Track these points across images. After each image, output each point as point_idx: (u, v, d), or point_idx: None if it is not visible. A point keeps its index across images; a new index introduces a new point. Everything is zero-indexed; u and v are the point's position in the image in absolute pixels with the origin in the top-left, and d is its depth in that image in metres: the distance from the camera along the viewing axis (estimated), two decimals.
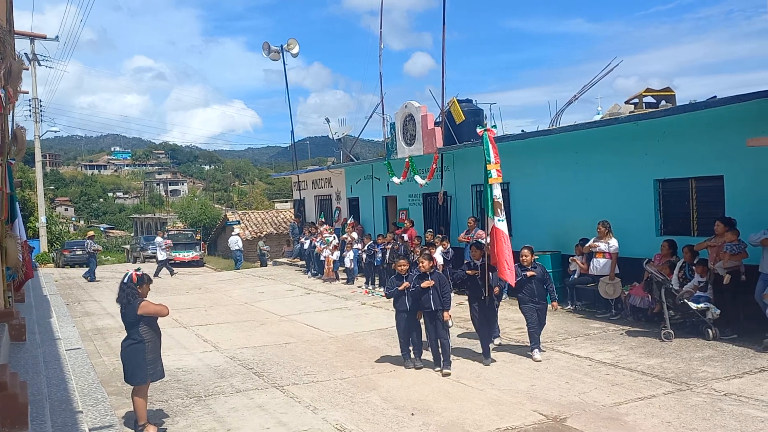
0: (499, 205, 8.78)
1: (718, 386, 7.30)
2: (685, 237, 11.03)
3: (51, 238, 40.91)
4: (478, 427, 6.44)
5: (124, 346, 6.66)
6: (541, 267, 9.31)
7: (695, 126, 10.94)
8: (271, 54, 26.40)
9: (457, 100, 17.23)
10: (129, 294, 6.58)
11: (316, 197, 26.65)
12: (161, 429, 6.71)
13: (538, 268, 9.16)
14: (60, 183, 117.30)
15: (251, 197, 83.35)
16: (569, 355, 9.06)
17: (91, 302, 17.28)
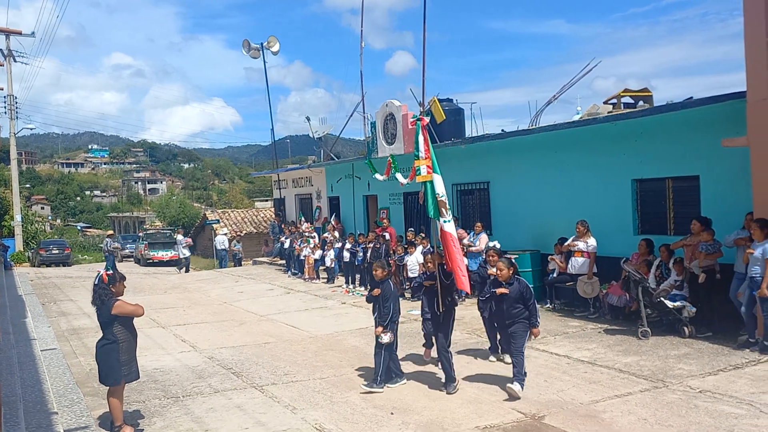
0: (443, 204, 7.85)
1: (693, 383, 7.40)
2: (662, 236, 11.16)
3: (27, 237, 40.28)
4: (457, 426, 6.46)
5: (98, 346, 6.58)
6: (522, 284, 7.60)
7: (672, 126, 11.07)
8: (251, 52, 26.27)
9: (437, 100, 17.26)
10: (102, 294, 6.49)
11: (296, 196, 26.55)
12: (138, 430, 6.64)
13: (514, 284, 7.57)
14: (36, 181, 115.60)
15: (231, 196, 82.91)
16: (548, 354, 9.12)
17: (67, 302, 17.05)
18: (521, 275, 12.98)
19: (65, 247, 36.95)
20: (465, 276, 7.62)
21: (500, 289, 7.58)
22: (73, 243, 51.04)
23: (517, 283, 7.54)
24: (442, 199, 7.83)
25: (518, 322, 7.46)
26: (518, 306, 7.46)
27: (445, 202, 7.86)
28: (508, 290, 7.53)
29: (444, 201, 7.85)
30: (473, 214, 16.01)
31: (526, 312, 7.47)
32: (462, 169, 16.32)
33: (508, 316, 7.53)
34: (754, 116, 8.83)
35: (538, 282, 13.25)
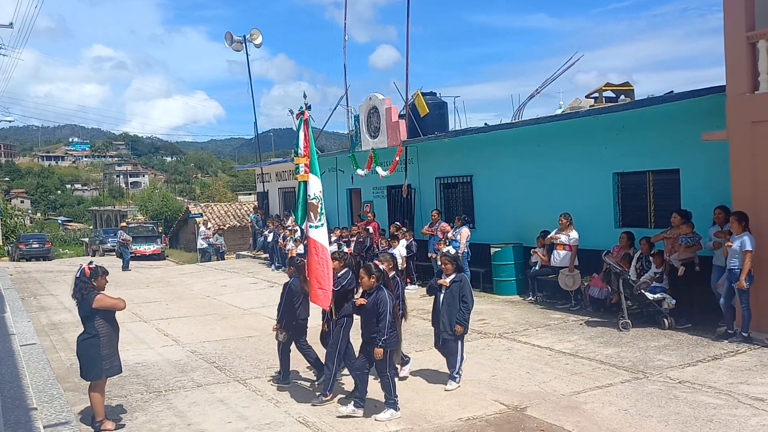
0: (314, 207, 7.10)
1: (673, 374, 7.49)
2: (643, 229, 11.26)
3: (6, 231, 39.85)
4: (440, 418, 6.49)
5: (79, 340, 6.52)
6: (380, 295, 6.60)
7: (652, 120, 11.16)
8: (233, 44, 26.04)
9: (421, 93, 17.25)
10: (83, 288, 6.42)
11: (279, 189, 26.45)
12: (119, 425, 6.60)
13: (373, 294, 6.65)
14: (15, 174, 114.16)
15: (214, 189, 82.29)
16: (530, 346, 9.19)
17: (47, 296, 16.88)
18: (504, 267, 13.30)
19: (45, 241, 36.58)
20: (324, 290, 6.89)
21: (359, 299, 6.84)
22: (54, 237, 50.58)
23: (376, 293, 6.62)
24: (313, 202, 7.16)
25: (373, 339, 6.59)
26: (374, 320, 6.59)
27: (317, 205, 7.16)
28: (365, 301, 6.72)
29: (315, 204, 7.15)
30: (456, 207, 16.06)
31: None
32: (445, 162, 16.34)
33: (366, 331, 6.71)
34: (733, 110, 8.93)
35: (520, 275, 13.35)
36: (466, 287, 7.36)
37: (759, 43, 8.67)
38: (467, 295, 7.30)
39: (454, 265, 7.44)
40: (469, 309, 7.35)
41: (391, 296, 6.68)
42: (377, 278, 6.72)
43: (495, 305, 12.41)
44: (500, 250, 13.51)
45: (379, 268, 6.89)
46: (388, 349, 6.55)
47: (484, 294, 13.67)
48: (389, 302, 6.58)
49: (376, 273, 6.74)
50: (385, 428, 6.29)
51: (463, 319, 7.27)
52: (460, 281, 7.36)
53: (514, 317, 11.18)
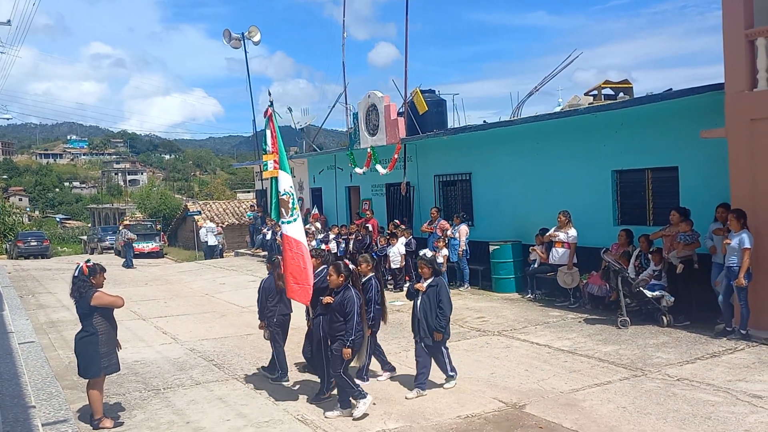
0: (285, 203, 7.07)
1: (671, 372, 7.49)
2: (642, 226, 11.26)
3: (4, 229, 39.80)
4: (439, 415, 6.49)
5: (77, 338, 6.52)
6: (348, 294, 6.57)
7: (651, 118, 11.15)
8: (232, 41, 25.99)
9: (420, 91, 17.24)
10: (81, 286, 6.43)
11: None
12: (118, 423, 6.59)
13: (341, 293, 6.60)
14: (14, 172, 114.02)
15: (212, 187, 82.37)
16: (529, 343, 9.19)
17: (45, 294, 16.86)
18: (503, 265, 13.29)
19: (44, 239, 36.54)
20: (301, 285, 6.90)
21: (326, 298, 6.80)
22: (52, 235, 50.45)
23: (344, 292, 6.59)
24: (284, 198, 7.14)
25: (338, 339, 6.56)
26: (340, 319, 6.56)
27: (288, 201, 7.12)
28: (332, 299, 6.69)
29: (286, 200, 7.11)
30: (455, 205, 16.06)
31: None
32: (444, 160, 16.34)
33: (330, 330, 6.71)
34: (732, 108, 8.93)
35: (519, 272, 13.35)
36: (443, 292, 7.09)
37: (758, 40, 8.66)
38: (444, 300, 7.04)
39: (431, 269, 7.15)
40: (446, 315, 7.07)
41: (358, 296, 6.63)
42: (346, 277, 6.66)
43: (494, 303, 12.41)
44: (499, 247, 13.50)
45: (348, 267, 6.80)
46: (354, 350, 6.55)
47: (483, 291, 13.68)
48: (356, 302, 6.54)
49: (344, 272, 6.68)
50: (383, 425, 6.29)
51: (439, 325, 7.03)
52: (437, 286, 7.09)
53: (513, 315, 11.18)
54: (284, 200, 7.11)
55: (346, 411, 6.55)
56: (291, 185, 7.27)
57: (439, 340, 7.09)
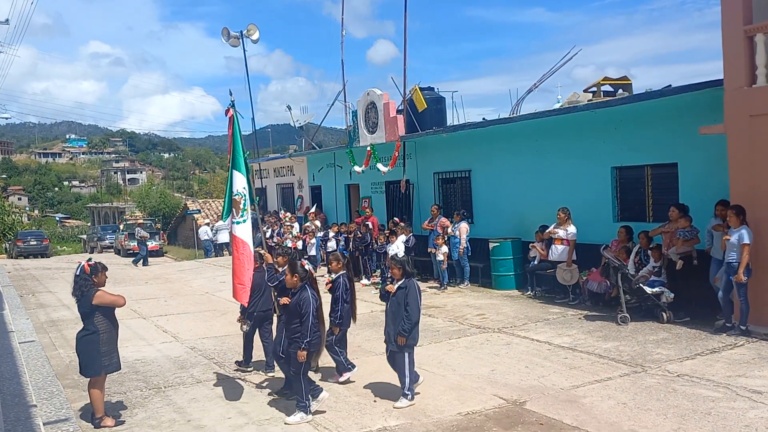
0: (236, 203, 7.00)
1: (671, 368, 7.51)
2: (641, 223, 11.27)
3: (3, 228, 39.78)
4: (439, 412, 6.50)
5: (78, 337, 6.53)
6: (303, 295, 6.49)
7: (651, 114, 11.16)
8: (230, 40, 25.85)
9: (419, 88, 17.22)
10: (82, 285, 6.44)
11: (278, 185, 26.42)
12: (119, 421, 6.60)
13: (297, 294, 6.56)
14: (13, 171, 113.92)
15: (212, 186, 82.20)
16: (529, 340, 9.20)
17: (45, 294, 16.87)
18: (503, 262, 13.30)
19: (43, 239, 36.56)
20: (243, 287, 6.98)
21: (283, 299, 6.82)
22: (52, 234, 50.47)
23: (299, 293, 6.51)
24: (236, 198, 7.07)
25: (294, 340, 6.46)
26: (296, 321, 6.46)
27: (239, 202, 7.05)
28: (289, 300, 6.65)
29: (238, 200, 7.04)
30: (455, 202, 16.06)
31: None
32: (443, 157, 16.34)
33: (287, 332, 6.64)
34: (731, 104, 8.94)
35: (519, 269, 13.36)
36: (411, 295, 6.72)
37: (756, 36, 8.67)
38: (411, 303, 6.67)
39: (402, 270, 6.83)
40: (411, 319, 6.65)
41: (315, 297, 6.51)
42: (301, 278, 6.54)
43: (494, 300, 12.43)
44: (499, 244, 13.51)
45: (304, 267, 6.67)
46: (311, 352, 6.47)
47: (483, 289, 13.69)
48: (312, 303, 6.42)
49: (300, 272, 6.56)
50: (384, 423, 6.30)
51: (402, 329, 6.64)
52: (406, 288, 6.76)
53: (513, 312, 11.20)
54: (236, 201, 7.08)
55: (307, 416, 6.42)
56: (244, 186, 7.22)
57: (402, 345, 6.69)
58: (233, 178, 7.19)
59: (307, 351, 6.35)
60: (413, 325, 6.69)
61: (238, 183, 7.14)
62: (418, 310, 6.76)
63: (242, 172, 7.20)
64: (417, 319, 6.73)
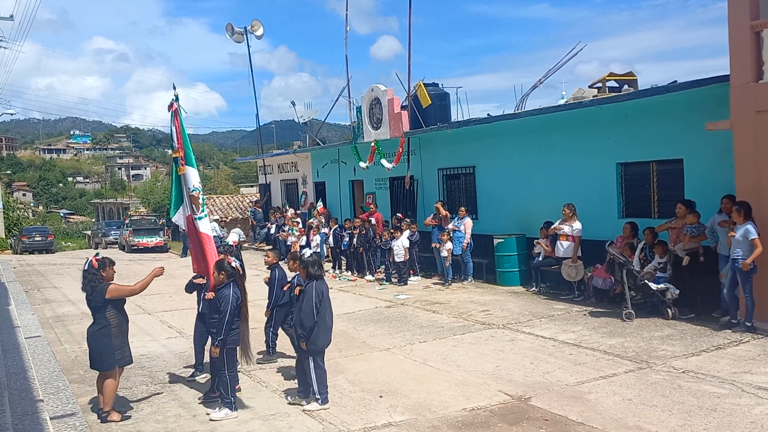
0: (195, 199, 6.93)
1: (676, 364, 7.50)
2: (646, 219, 11.25)
3: (8, 224, 39.91)
4: (444, 408, 6.51)
5: (90, 331, 6.54)
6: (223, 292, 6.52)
7: (656, 110, 11.13)
8: (234, 36, 25.96)
9: (423, 84, 17.21)
10: (92, 280, 6.48)
11: (282, 181, 26.45)
12: (125, 416, 6.62)
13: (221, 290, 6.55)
14: (17, 167, 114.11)
15: (216, 182, 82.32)
16: (534, 336, 9.20)
17: (51, 289, 16.93)
18: (507, 258, 13.29)
19: (48, 234, 36.65)
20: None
21: (208, 293, 6.84)
22: (56, 230, 50.64)
23: (222, 290, 6.54)
24: (194, 194, 6.97)
25: (212, 336, 6.56)
26: (215, 317, 6.54)
27: (198, 197, 6.97)
28: (213, 295, 6.68)
29: (196, 196, 6.96)
30: (459, 198, 16.05)
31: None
32: (448, 153, 16.32)
33: (208, 327, 6.75)
34: (737, 100, 8.90)
35: (523, 265, 13.35)
36: (306, 300, 6.54)
37: (763, 32, 8.63)
38: (305, 308, 6.53)
39: (305, 271, 6.71)
40: (304, 324, 6.50)
41: (236, 295, 6.51)
42: (227, 275, 6.55)
43: (498, 296, 12.42)
44: (503, 241, 13.50)
45: (231, 264, 6.64)
46: (225, 348, 6.47)
47: (487, 285, 13.69)
48: (231, 300, 6.42)
49: (226, 269, 6.57)
50: (389, 418, 6.30)
51: (298, 335, 6.60)
52: (305, 292, 6.63)
53: (518, 308, 11.19)
54: (194, 197, 7.00)
55: (232, 413, 6.46)
56: (199, 181, 7.15)
57: (304, 350, 6.59)
58: (187, 175, 7.05)
59: (220, 348, 6.42)
60: (308, 331, 6.49)
61: (193, 179, 7.02)
62: (310, 317, 6.49)
63: (194, 166, 7.13)
64: (311, 324, 6.48)
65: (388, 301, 12.56)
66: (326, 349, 7.42)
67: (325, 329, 6.61)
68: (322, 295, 6.61)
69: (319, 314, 6.54)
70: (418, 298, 12.62)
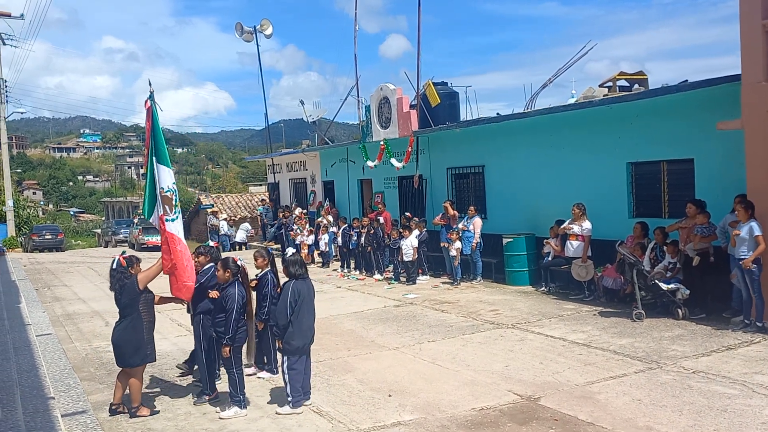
0: (168, 200, 6.75)
1: (687, 364, 7.46)
2: (657, 219, 11.20)
3: (19, 223, 40.14)
4: (453, 408, 6.50)
5: (119, 329, 6.56)
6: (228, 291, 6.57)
7: (667, 110, 11.07)
8: (244, 35, 25.98)
9: (432, 83, 17.19)
10: (120, 278, 6.55)
11: (290, 180, 26.49)
12: (154, 411, 6.67)
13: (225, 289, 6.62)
14: (27, 166, 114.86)
15: (225, 180, 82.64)
16: (543, 336, 9.17)
17: (61, 287, 17.03)
18: (516, 258, 13.26)
19: (58, 233, 36.87)
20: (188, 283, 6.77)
21: (212, 292, 6.83)
22: (66, 228, 50.92)
23: (227, 288, 6.57)
24: (168, 195, 6.76)
25: (219, 335, 6.56)
26: (220, 316, 6.55)
27: (171, 197, 6.77)
28: (218, 294, 6.70)
29: (170, 197, 6.76)
30: (468, 197, 16.03)
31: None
32: (457, 152, 16.30)
33: (214, 327, 6.68)
34: (748, 99, 8.84)
35: (533, 265, 13.32)
36: (282, 297, 6.58)
37: None
38: (279, 306, 6.56)
39: (286, 270, 6.72)
40: (278, 321, 6.51)
41: (242, 293, 6.54)
42: (233, 273, 6.59)
43: (507, 296, 12.40)
44: (512, 240, 13.47)
45: (236, 263, 6.69)
46: (233, 346, 6.49)
47: (497, 284, 13.66)
48: (237, 299, 6.46)
49: (231, 268, 6.61)
50: (398, 417, 6.31)
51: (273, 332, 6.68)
52: (284, 290, 6.65)
53: (527, 308, 11.17)
54: (168, 197, 6.77)
55: (242, 411, 6.52)
56: (173, 181, 6.96)
57: (280, 349, 6.65)
58: (159, 173, 6.80)
59: (230, 346, 6.44)
60: (281, 329, 6.49)
61: (167, 179, 6.80)
62: (286, 314, 6.45)
63: (168, 165, 6.93)
64: (284, 322, 6.45)
65: (396, 300, 12.57)
66: (335, 347, 7.44)
67: (301, 330, 6.52)
68: (298, 295, 6.53)
69: (295, 314, 6.48)
70: (427, 298, 12.61)
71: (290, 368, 6.55)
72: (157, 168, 6.82)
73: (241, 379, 6.61)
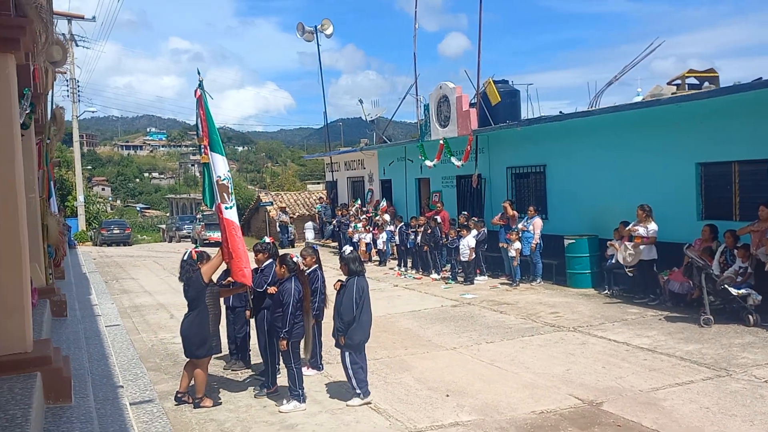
0: (225, 188, 6.82)
1: (758, 373, 7.15)
2: (727, 221, 10.77)
3: (89, 217, 41.78)
4: (512, 410, 6.42)
5: (187, 321, 6.75)
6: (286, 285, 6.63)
7: (739, 108, 10.63)
8: (305, 35, 26.33)
9: (492, 81, 17.01)
10: (189, 270, 6.73)
11: (348, 179, 26.68)
12: (217, 402, 6.84)
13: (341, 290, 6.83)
14: (97, 163, 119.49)
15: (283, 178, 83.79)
16: (606, 340, 8.95)
17: (128, 280, 17.64)
18: (578, 260, 12.98)
19: (126, 227, 38.25)
20: (248, 268, 6.78)
21: (271, 288, 6.98)
22: (133, 223, 52.72)
23: (284, 284, 6.64)
24: (224, 183, 6.83)
25: (276, 330, 6.62)
26: (278, 311, 6.60)
27: (227, 185, 6.85)
28: (275, 290, 6.80)
29: (226, 185, 6.83)
30: (528, 197, 15.79)
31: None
32: (517, 151, 16.09)
33: (272, 320, 6.75)
34: None
35: (595, 267, 13.02)
36: (347, 294, 6.67)
37: None
38: (345, 303, 6.64)
39: (347, 268, 6.82)
40: (343, 318, 6.62)
41: (298, 288, 6.59)
42: (290, 269, 6.65)
43: (568, 298, 12.16)
44: (574, 241, 13.20)
45: (292, 259, 6.74)
46: (291, 341, 6.52)
47: (557, 287, 13.42)
48: (293, 294, 6.52)
49: (288, 264, 6.68)
50: (456, 417, 6.27)
51: (336, 328, 6.71)
52: (345, 287, 6.76)
53: (589, 311, 10.92)
54: (225, 185, 6.82)
55: (301, 405, 6.60)
56: (227, 169, 6.96)
57: (342, 344, 6.69)
58: (213, 162, 6.83)
59: (287, 340, 6.49)
60: (346, 325, 6.61)
61: (221, 167, 6.84)
62: (352, 310, 6.59)
63: (222, 153, 6.96)
64: (350, 318, 6.58)
65: (454, 300, 12.50)
66: (393, 346, 7.46)
67: (362, 325, 6.68)
68: (362, 291, 6.70)
69: (358, 310, 6.63)
70: (485, 298, 12.50)
71: (353, 363, 6.67)
72: (211, 156, 6.89)
73: (300, 374, 6.71)
